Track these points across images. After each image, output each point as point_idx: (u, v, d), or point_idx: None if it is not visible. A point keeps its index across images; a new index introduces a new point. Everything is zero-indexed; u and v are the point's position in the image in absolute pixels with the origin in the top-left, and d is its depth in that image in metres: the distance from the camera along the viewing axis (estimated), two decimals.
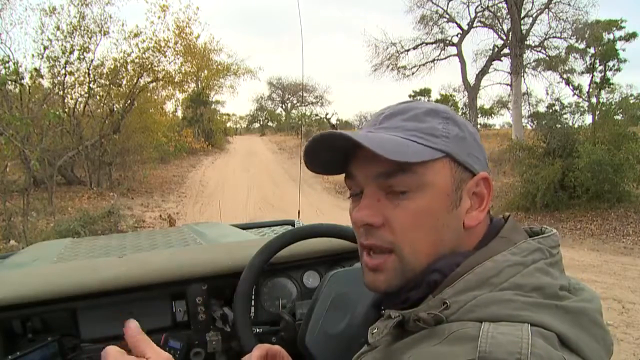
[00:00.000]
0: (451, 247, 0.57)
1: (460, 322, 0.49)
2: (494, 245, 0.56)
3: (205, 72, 18.87)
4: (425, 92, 26.81)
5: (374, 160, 0.55)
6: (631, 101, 18.28)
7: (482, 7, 17.69)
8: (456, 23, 18.73)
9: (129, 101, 12.28)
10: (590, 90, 18.70)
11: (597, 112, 12.48)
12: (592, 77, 18.64)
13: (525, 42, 16.30)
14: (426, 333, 0.51)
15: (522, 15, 15.99)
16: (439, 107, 0.61)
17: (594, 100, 17.91)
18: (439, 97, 25.66)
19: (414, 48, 19.30)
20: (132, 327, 0.52)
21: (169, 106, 17.32)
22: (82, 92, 12.00)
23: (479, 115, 23.75)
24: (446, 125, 0.58)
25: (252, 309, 1.14)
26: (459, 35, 19.06)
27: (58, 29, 11.14)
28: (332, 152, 0.60)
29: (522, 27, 16.03)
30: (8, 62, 8.72)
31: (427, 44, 19.23)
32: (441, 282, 0.55)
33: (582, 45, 17.55)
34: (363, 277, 0.61)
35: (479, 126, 22.33)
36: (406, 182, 0.56)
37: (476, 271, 0.53)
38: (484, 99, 26.52)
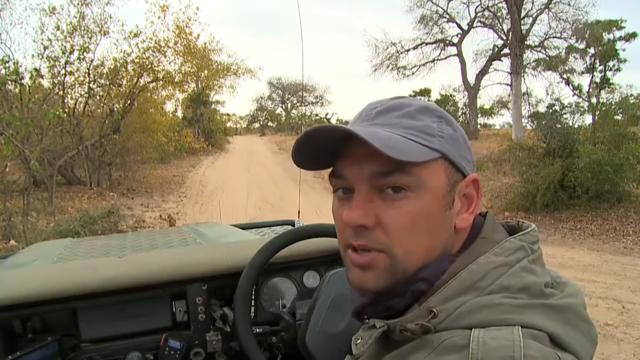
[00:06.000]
0: (442, 249, 0.56)
1: (450, 330, 0.49)
2: (476, 246, 0.56)
3: (205, 72, 18.84)
4: (425, 92, 26.77)
5: (371, 158, 0.53)
6: (631, 101, 18.22)
7: (482, 7, 17.73)
8: (456, 23, 18.78)
9: (129, 101, 12.27)
10: (590, 90, 18.69)
11: (597, 112, 12.49)
12: (592, 77, 18.64)
13: (525, 42, 16.30)
14: (415, 344, 0.50)
15: (522, 15, 16.00)
16: (431, 106, 0.59)
17: (594, 100, 17.90)
18: (439, 97, 25.68)
19: (414, 48, 19.35)
20: None
21: (169, 106, 17.29)
22: (82, 92, 11.99)
23: (479, 115, 23.76)
24: (440, 124, 0.57)
25: (252, 309, 1.15)
26: (459, 35, 19.10)
27: (58, 29, 11.13)
28: (319, 147, 0.56)
29: (522, 27, 16.03)
30: (8, 62, 8.70)
31: (427, 44, 19.27)
32: (427, 291, 0.53)
33: (582, 45, 17.57)
34: (347, 276, 0.58)
35: (479, 126, 22.32)
36: (403, 183, 0.53)
37: (462, 276, 0.52)
38: (484, 99, 26.68)
